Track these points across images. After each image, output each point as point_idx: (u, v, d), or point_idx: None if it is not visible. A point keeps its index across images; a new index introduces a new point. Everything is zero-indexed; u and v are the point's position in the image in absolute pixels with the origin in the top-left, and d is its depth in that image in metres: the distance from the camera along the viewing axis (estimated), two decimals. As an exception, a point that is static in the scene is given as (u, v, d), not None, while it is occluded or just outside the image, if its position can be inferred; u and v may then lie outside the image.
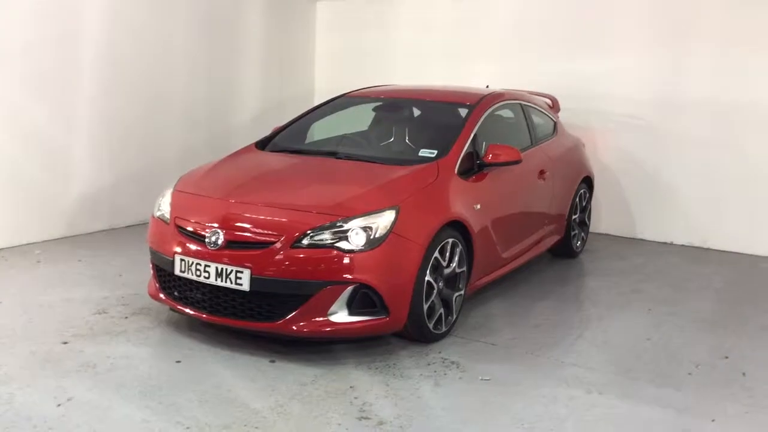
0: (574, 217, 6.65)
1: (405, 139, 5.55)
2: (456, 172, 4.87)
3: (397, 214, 4.24)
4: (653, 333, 4.99)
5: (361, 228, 4.14)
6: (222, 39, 8.18)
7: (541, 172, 5.90)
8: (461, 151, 4.99)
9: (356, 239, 4.12)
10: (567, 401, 3.90)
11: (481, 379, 4.11)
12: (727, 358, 4.61)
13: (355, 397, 3.82)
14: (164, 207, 4.73)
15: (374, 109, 5.93)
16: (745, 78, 7.10)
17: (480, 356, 4.45)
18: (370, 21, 9.18)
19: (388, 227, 4.18)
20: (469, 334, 4.79)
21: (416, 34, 8.85)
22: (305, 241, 4.12)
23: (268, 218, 4.29)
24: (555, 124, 6.69)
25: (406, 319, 4.30)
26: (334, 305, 4.12)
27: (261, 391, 3.86)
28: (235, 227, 4.27)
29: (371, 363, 4.26)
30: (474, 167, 5.06)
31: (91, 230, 7.02)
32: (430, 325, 4.47)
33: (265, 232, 4.20)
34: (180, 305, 4.45)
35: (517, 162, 5.14)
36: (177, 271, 4.35)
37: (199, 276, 4.25)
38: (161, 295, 4.56)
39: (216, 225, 4.28)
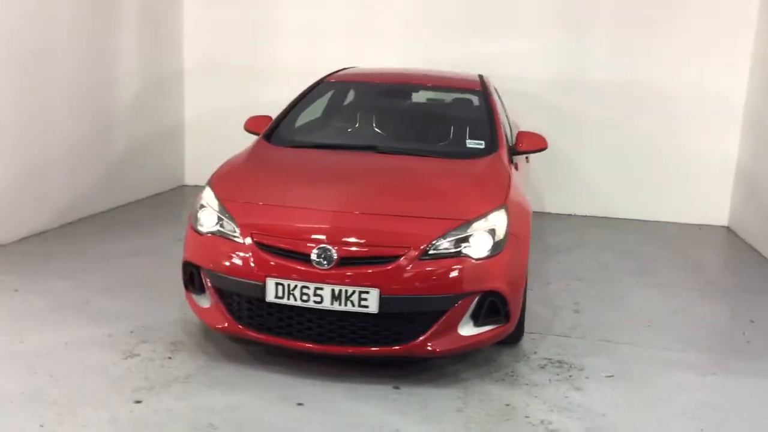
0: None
1: (434, 128, 5.18)
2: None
3: (507, 213, 3.98)
4: (671, 305, 5.25)
5: (485, 232, 3.82)
6: (96, 13, 6.94)
7: (526, 158, 5.89)
8: (505, 141, 4.81)
9: (482, 244, 3.79)
10: (695, 387, 3.97)
11: (606, 377, 4.04)
12: (753, 321, 5.01)
13: (526, 416, 3.55)
14: (208, 221, 3.96)
15: (380, 96, 5.47)
16: (641, 59, 7.69)
17: (570, 351, 4.36)
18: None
19: (506, 229, 3.91)
20: (533, 327, 4.67)
21: (303, 10, 8.28)
22: (431, 252, 3.70)
23: (385, 229, 3.78)
24: (500, 106, 6.69)
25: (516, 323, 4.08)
26: (464, 318, 3.77)
27: (428, 424, 3.42)
28: (349, 241, 3.69)
29: (489, 374, 3.98)
30: (509, 157, 4.90)
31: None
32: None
33: (389, 245, 3.69)
34: (271, 337, 3.77)
35: (544, 149, 5.07)
36: (270, 298, 3.68)
37: (307, 301, 3.63)
38: (239, 327, 3.82)
39: (324, 240, 3.68)
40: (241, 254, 3.77)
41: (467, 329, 3.79)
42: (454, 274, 3.69)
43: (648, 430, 3.49)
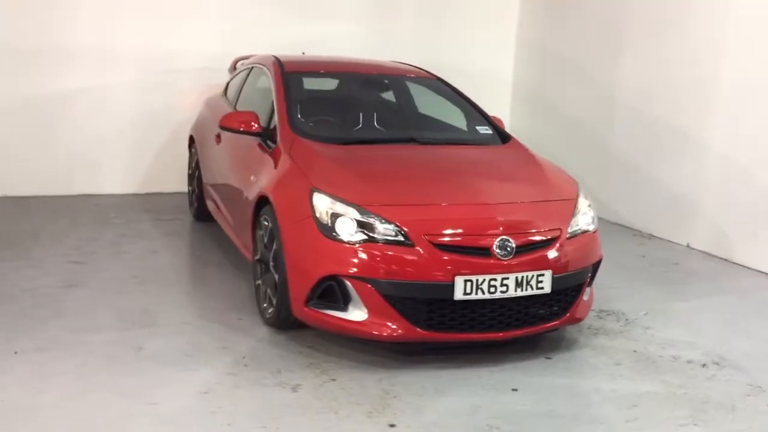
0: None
1: (434, 117, 5.32)
2: (510, 146, 5.16)
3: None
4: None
5: (588, 207, 4.33)
6: None
7: None
8: (494, 125, 5.27)
9: (590, 219, 4.29)
10: (704, 308, 5.06)
11: (644, 315, 4.86)
12: (643, 257, 6.34)
13: (660, 356, 4.21)
14: (347, 229, 3.76)
15: (360, 88, 5.39)
16: (436, 43, 8.57)
17: (596, 301, 5.02)
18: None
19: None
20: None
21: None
22: (572, 230, 4.11)
23: (535, 215, 4.10)
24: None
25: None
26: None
27: (622, 380, 3.88)
28: (520, 231, 3.90)
29: (580, 332, 4.47)
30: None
31: None
32: None
33: (548, 229, 3.99)
34: (456, 334, 3.81)
35: (503, 132, 5.63)
36: (459, 296, 3.71)
37: (494, 292, 3.76)
38: (418, 331, 3.76)
39: (501, 232, 3.82)
40: (419, 257, 3.71)
41: (586, 295, 4.30)
42: (591, 247, 4.20)
43: (733, 341, 4.47)
